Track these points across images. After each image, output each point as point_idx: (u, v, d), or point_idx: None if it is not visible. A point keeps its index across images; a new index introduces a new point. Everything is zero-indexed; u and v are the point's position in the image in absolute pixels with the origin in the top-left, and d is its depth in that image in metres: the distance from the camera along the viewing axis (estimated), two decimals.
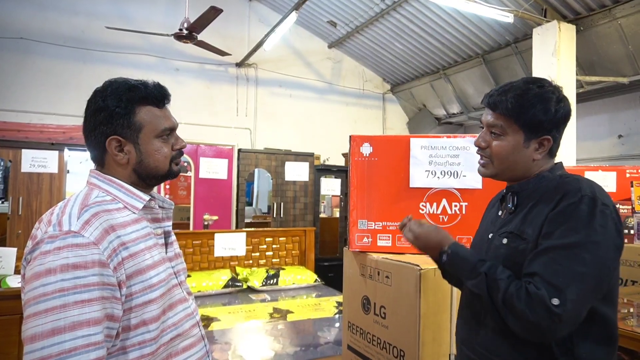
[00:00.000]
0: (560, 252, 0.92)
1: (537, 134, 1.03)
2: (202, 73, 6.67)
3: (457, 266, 1.07)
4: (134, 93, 0.98)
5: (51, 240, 0.83)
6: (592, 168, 3.63)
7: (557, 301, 0.88)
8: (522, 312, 0.91)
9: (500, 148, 1.06)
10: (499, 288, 0.95)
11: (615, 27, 4.61)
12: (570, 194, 0.96)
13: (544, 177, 1.06)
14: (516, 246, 1.01)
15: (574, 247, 0.91)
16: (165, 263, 0.99)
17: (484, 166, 1.12)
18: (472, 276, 1.01)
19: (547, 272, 0.91)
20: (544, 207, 1.00)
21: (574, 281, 0.89)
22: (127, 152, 0.98)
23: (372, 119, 7.97)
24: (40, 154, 4.06)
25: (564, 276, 0.90)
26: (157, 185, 1.09)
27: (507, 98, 1.03)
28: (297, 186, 4.83)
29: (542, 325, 0.89)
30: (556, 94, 1.04)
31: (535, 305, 0.89)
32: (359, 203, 1.73)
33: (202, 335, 1.07)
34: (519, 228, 1.02)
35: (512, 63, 5.80)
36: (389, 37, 6.56)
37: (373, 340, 1.63)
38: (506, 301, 0.93)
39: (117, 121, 0.96)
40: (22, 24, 5.58)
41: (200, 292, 3.30)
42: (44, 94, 5.67)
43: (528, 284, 0.93)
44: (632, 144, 5.55)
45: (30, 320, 0.79)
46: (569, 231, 0.93)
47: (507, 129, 1.04)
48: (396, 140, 1.74)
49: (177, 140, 1.05)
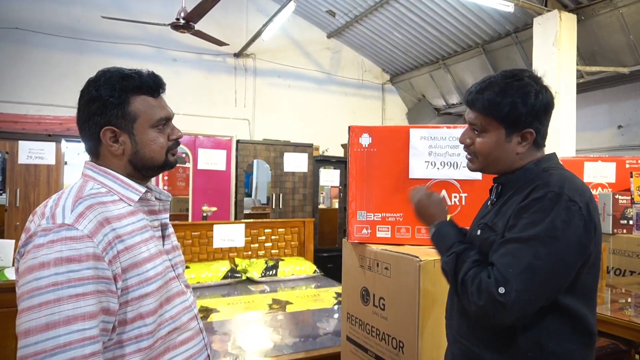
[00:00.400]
0: (515, 245, 0.95)
1: (517, 128, 1.04)
2: (199, 63, 6.62)
3: (438, 242, 1.13)
4: (127, 82, 0.96)
5: (44, 233, 0.82)
6: (592, 158, 3.62)
7: (503, 290, 0.91)
8: (471, 294, 0.96)
9: (482, 145, 1.08)
10: (462, 269, 1.01)
11: (617, 16, 4.57)
12: (538, 189, 0.98)
13: (528, 170, 1.07)
14: (487, 237, 1.05)
15: (530, 240, 0.94)
16: (162, 256, 0.98)
17: (470, 161, 1.15)
18: (446, 254, 1.07)
19: (500, 263, 0.95)
20: (515, 200, 1.03)
21: (524, 273, 0.92)
22: (122, 142, 0.97)
23: (371, 110, 7.94)
24: (37, 145, 4.03)
25: (514, 267, 0.93)
26: (153, 177, 1.07)
27: (484, 96, 1.04)
28: (296, 177, 4.82)
29: (487, 310, 0.94)
30: (535, 85, 1.03)
31: (482, 291, 0.94)
32: (358, 194, 1.72)
33: (200, 328, 1.06)
34: (492, 220, 1.07)
35: (512, 53, 5.76)
36: (388, 27, 6.50)
37: (372, 331, 1.63)
38: (463, 282, 0.99)
39: (111, 111, 0.94)
40: (17, 13, 5.52)
41: (199, 284, 3.30)
42: (40, 84, 5.62)
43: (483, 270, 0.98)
44: (632, 135, 5.53)
45: (24, 315, 0.78)
46: (528, 225, 0.95)
47: (487, 126, 1.06)
48: (395, 130, 1.73)
49: (173, 130, 1.03)
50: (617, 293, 2.57)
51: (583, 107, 5.47)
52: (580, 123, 4.90)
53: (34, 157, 4.04)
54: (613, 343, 2.23)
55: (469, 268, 1.00)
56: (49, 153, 4.08)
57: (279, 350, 2.09)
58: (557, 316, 0.98)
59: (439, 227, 1.15)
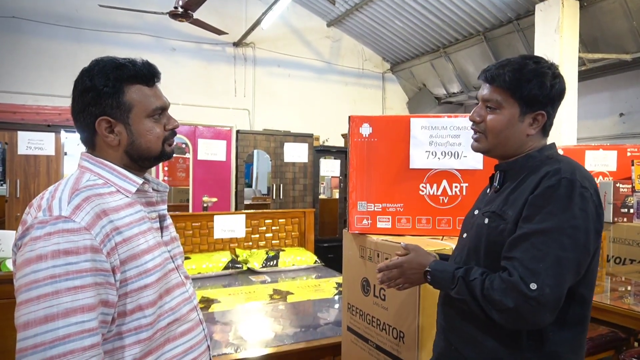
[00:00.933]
0: (539, 237, 0.93)
1: (532, 108, 1.04)
2: (199, 53, 6.57)
3: (440, 281, 1.09)
4: (121, 71, 0.95)
5: (41, 225, 0.81)
6: (593, 147, 3.61)
7: (535, 285, 0.89)
8: (499, 302, 0.92)
9: (495, 122, 1.07)
10: (476, 286, 0.98)
11: (620, 2, 4.52)
12: (549, 176, 0.97)
13: (531, 157, 1.06)
14: (496, 226, 1.03)
15: (553, 231, 0.92)
16: (160, 247, 0.98)
17: (477, 140, 1.12)
18: (453, 285, 1.03)
19: (526, 257, 0.92)
20: (525, 188, 1.01)
21: (553, 266, 0.91)
22: (117, 133, 0.95)
23: (371, 99, 7.90)
24: (36, 135, 4.02)
25: (543, 261, 0.91)
26: (150, 168, 1.06)
27: (505, 72, 1.04)
28: (297, 167, 4.81)
29: (521, 311, 0.90)
30: (552, 69, 1.05)
31: (509, 292, 0.91)
32: (358, 184, 1.71)
33: (200, 319, 1.06)
34: (500, 208, 1.05)
35: (513, 40, 5.71)
36: (388, 15, 6.44)
37: (373, 321, 1.63)
38: (486, 296, 0.95)
39: (105, 101, 0.93)
40: (14, 2, 5.46)
41: (200, 274, 3.31)
42: (38, 74, 5.59)
43: (503, 271, 0.95)
44: (634, 122, 5.50)
45: (22, 307, 0.77)
46: (548, 215, 0.94)
47: (503, 102, 1.05)
48: (396, 120, 1.71)
49: (170, 120, 1.02)
50: (616, 281, 2.58)
51: (585, 95, 5.44)
52: (581, 111, 4.87)
53: (34, 147, 4.03)
54: (612, 331, 2.24)
55: (482, 280, 0.98)
56: (49, 143, 4.07)
57: (279, 340, 2.10)
58: (567, 305, 0.96)
59: (433, 269, 1.10)
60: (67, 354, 0.76)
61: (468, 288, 0.99)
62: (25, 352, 0.75)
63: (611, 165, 3.54)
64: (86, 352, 0.78)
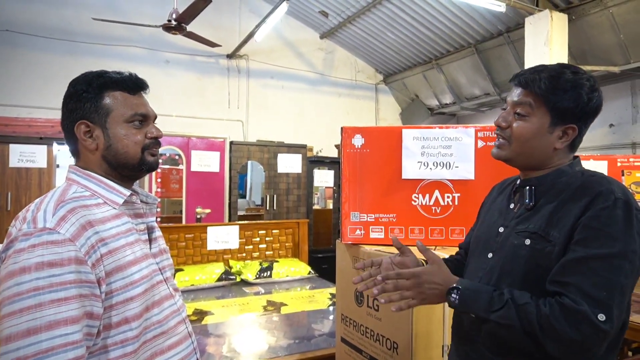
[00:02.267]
0: (600, 263, 0.86)
1: (563, 121, 0.97)
2: (192, 65, 6.59)
3: (473, 302, 0.94)
4: (104, 79, 0.96)
5: (25, 237, 0.81)
6: (584, 157, 3.65)
7: (604, 317, 0.83)
8: (563, 332, 0.84)
9: (522, 129, 0.99)
10: (530, 312, 0.87)
11: (607, 16, 4.61)
12: (603, 197, 0.90)
13: (564, 172, 1.00)
14: (541, 248, 0.94)
15: (615, 257, 0.86)
16: (148, 259, 0.97)
17: (500, 147, 1.04)
18: (496, 307, 0.90)
19: (587, 284, 0.85)
20: (571, 207, 0.93)
21: (618, 294, 0.85)
22: (96, 137, 0.95)
23: (364, 110, 7.95)
24: (28, 148, 4.00)
25: (607, 289, 0.84)
26: (136, 179, 1.05)
27: (541, 77, 0.97)
28: (290, 178, 4.81)
29: (587, 342, 0.83)
30: (590, 82, 0.97)
31: (578, 323, 0.83)
32: (351, 195, 1.72)
33: (188, 332, 1.05)
34: (543, 229, 0.95)
35: (504, 52, 5.79)
36: (381, 27, 6.52)
37: (366, 332, 1.63)
38: (543, 325, 0.85)
39: (84, 105, 0.94)
40: (7, 15, 5.47)
41: (194, 286, 3.28)
42: (31, 87, 5.58)
43: (560, 296, 0.87)
44: (623, 133, 5.58)
45: (5, 321, 0.76)
46: (608, 239, 0.87)
47: (535, 109, 0.98)
48: (388, 131, 1.73)
49: (152, 128, 1.00)
50: None
51: None
52: None
53: (25, 160, 4.00)
54: None
55: (537, 307, 0.87)
56: (41, 156, 4.05)
57: (273, 352, 2.08)
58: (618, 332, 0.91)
59: (464, 287, 0.96)
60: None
61: (518, 312, 0.88)
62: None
63: None
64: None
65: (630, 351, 2.45)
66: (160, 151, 1.05)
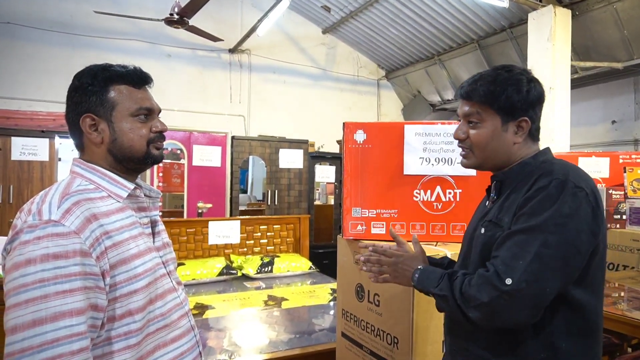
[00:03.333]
0: (522, 236, 0.92)
1: (513, 116, 1.03)
2: (194, 59, 6.58)
3: (426, 280, 1.08)
4: (109, 72, 0.97)
5: (31, 229, 0.81)
6: (586, 154, 3.64)
7: (510, 280, 0.88)
8: (474, 297, 0.92)
9: (479, 136, 1.06)
10: (457, 284, 0.98)
11: (611, 11, 4.59)
12: (541, 178, 0.97)
13: (527, 164, 1.05)
14: (493, 234, 1.01)
15: (536, 229, 0.91)
16: (151, 252, 0.98)
17: (465, 157, 1.12)
18: (437, 283, 1.03)
19: (507, 255, 0.92)
20: (519, 193, 1.00)
21: (533, 262, 0.89)
22: (101, 130, 0.96)
23: (366, 106, 7.93)
24: (30, 141, 4.00)
25: (522, 257, 0.90)
26: (140, 172, 1.05)
27: (478, 85, 1.04)
28: (292, 173, 4.81)
29: (495, 305, 0.90)
30: (525, 75, 1.04)
31: (483, 287, 0.91)
32: (352, 190, 1.72)
33: (191, 326, 1.05)
34: (496, 216, 1.03)
35: (507, 48, 5.77)
36: (383, 23, 6.49)
37: (367, 327, 1.63)
38: (463, 293, 0.95)
39: (90, 98, 0.95)
40: (8, 8, 5.46)
41: (195, 280, 3.29)
42: (33, 80, 5.58)
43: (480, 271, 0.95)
44: (625, 130, 5.56)
45: (11, 312, 0.77)
46: (533, 215, 0.93)
47: (484, 115, 1.05)
48: (390, 127, 1.72)
49: (157, 122, 1.01)
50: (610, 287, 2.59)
51: (577, 102, 5.50)
52: (574, 118, 4.92)
53: (27, 153, 4.01)
54: (606, 337, 2.25)
55: (462, 279, 0.98)
56: (42, 149, 4.05)
57: (274, 347, 2.09)
58: (566, 312, 0.94)
59: (423, 268, 1.11)
60: (56, 357, 0.76)
61: (450, 284, 0.99)
62: (13, 357, 0.75)
63: (604, 171, 3.57)
64: (74, 356, 0.77)
65: (630, 347, 2.46)
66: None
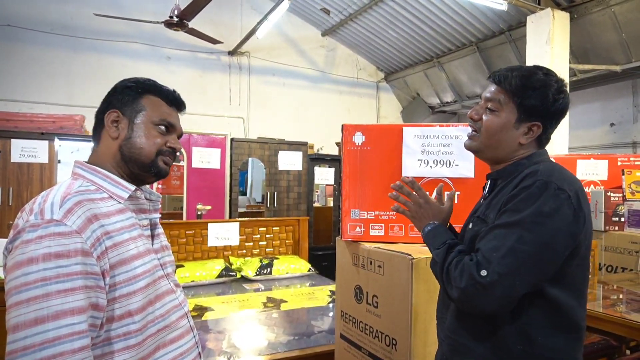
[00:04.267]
0: (501, 230, 0.97)
1: (529, 118, 1.05)
2: (194, 61, 6.59)
3: (432, 238, 1.13)
4: (151, 83, 1.04)
5: (33, 229, 0.82)
6: (584, 156, 3.65)
7: (485, 272, 0.93)
8: (454, 278, 0.98)
9: (491, 122, 1.08)
10: (449, 259, 1.03)
11: (609, 14, 4.61)
12: (527, 178, 1.00)
13: (520, 164, 1.07)
14: (478, 229, 1.05)
15: (515, 225, 0.95)
16: (150, 254, 0.98)
17: (471, 138, 1.14)
18: (438, 246, 1.08)
19: (485, 248, 0.96)
20: (506, 191, 1.03)
21: (507, 256, 0.93)
22: (121, 128, 1.00)
23: (366, 108, 7.95)
24: (30, 143, 4.01)
25: (498, 251, 0.94)
26: (142, 183, 1.06)
27: (513, 75, 1.05)
28: (291, 175, 4.81)
29: (468, 292, 0.95)
30: (559, 84, 1.06)
31: (464, 273, 0.96)
32: (351, 192, 1.72)
33: (190, 326, 1.06)
34: (484, 212, 1.07)
35: (506, 51, 5.79)
36: (382, 25, 6.51)
37: (365, 329, 1.64)
38: (448, 270, 1.01)
39: (124, 98, 1.01)
40: (9, 10, 5.47)
41: (194, 282, 3.29)
42: (33, 82, 5.58)
43: (467, 257, 1.00)
44: (624, 132, 5.58)
45: (12, 310, 0.78)
46: (514, 211, 0.96)
47: (504, 105, 1.06)
48: (389, 129, 1.73)
49: (174, 140, 1.06)
50: (608, 290, 2.60)
51: (576, 105, 5.52)
52: (573, 121, 4.94)
53: (27, 155, 4.01)
54: (604, 339, 2.26)
55: (454, 256, 1.02)
56: (42, 151, 4.05)
57: (273, 349, 2.09)
58: (543, 307, 0.98)
59: (436, 227, 1.16)
60: (57, 356, 0.76)
61: (445, 256, 1.04)
62: (14, 355, 0.75)
63: (602, 174, 3.58)
64: (76, 354, 0.78)
65: (629, 349, 2.46)
66: None
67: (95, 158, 1.01)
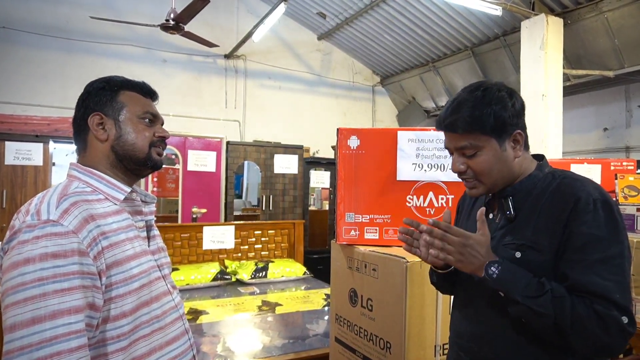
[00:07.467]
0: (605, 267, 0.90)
1: (507, 133, 0.99)
2: (190, 65, 6.60)
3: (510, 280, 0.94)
4: (121, 79, 1.05)
5: (29, 229, 0.82)
6: (578, 161, 3.68)
7: (627, 319, 0.88)
8: (596, 335, 0.88)
9: (482, 164, 1.00)
10: (565, 307, 0.90)
11: (602, 20, 4.65)
12: (583, 201, 0.93)
13: (536, 177, 1.03)
14: (532, 259, 0.96)
15: (615, 258, 0.91)
16: (146, 255, 0.99)
17: (473, 187, 1.05)
18: (534, 294, 0.91)
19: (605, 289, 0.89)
20: (554, 214, 0.95)
21: (627, 294, 0.91)
22: (107, 129, 1.00)
23: (361, 112, 7.97)
24: (24, 146, 3.99)
25: (620, 292, 0.90)
26: (139, 177, 1.08)
27: (462, 115, 0.99)
28: (287, 179, 4.82)
29: (615, 345, 0.89)
30: (503, 90, 1.01)
31: (611, 329, 0.88)
32: (346, 196, 1.73)
33: (185, 329, 1.06)
34: (530, 239, 0.97)
35: (500, 56, 5.83)
36: (378, 29, 6.54)
37: (360, 332, 1.64)
38: (574, 322, 0.89)
39: (101, 99, 1.01)
40: (4, 12, 5.46)
41: (189, 285, 3.28)
42: (27, 84, 5.56)
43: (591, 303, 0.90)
44: (617, 137, 5.62)
45: (9, 310, 0.78)
46: (603, 243, 0.91)
47: (478, 143, 0.99)
48: (383, 133, 1.74)
49: (161, 129, 1.07)
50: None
51: (569, 109, 5.55)
52: (566, 125, 4.97)
53: (21, 158, 3.99)
54: None
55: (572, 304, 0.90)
56: (37, 154, 4.04)
57: (268, 352, 2.09)
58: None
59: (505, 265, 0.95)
60: (54, 355, 0.76)
61: (555, 304, 0.90)
62: (11, 354, 0.75)
63: (595, 178, 3.60)
64: (73, 353, 0.78)
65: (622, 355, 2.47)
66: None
67: (88, 161, 1.01)
